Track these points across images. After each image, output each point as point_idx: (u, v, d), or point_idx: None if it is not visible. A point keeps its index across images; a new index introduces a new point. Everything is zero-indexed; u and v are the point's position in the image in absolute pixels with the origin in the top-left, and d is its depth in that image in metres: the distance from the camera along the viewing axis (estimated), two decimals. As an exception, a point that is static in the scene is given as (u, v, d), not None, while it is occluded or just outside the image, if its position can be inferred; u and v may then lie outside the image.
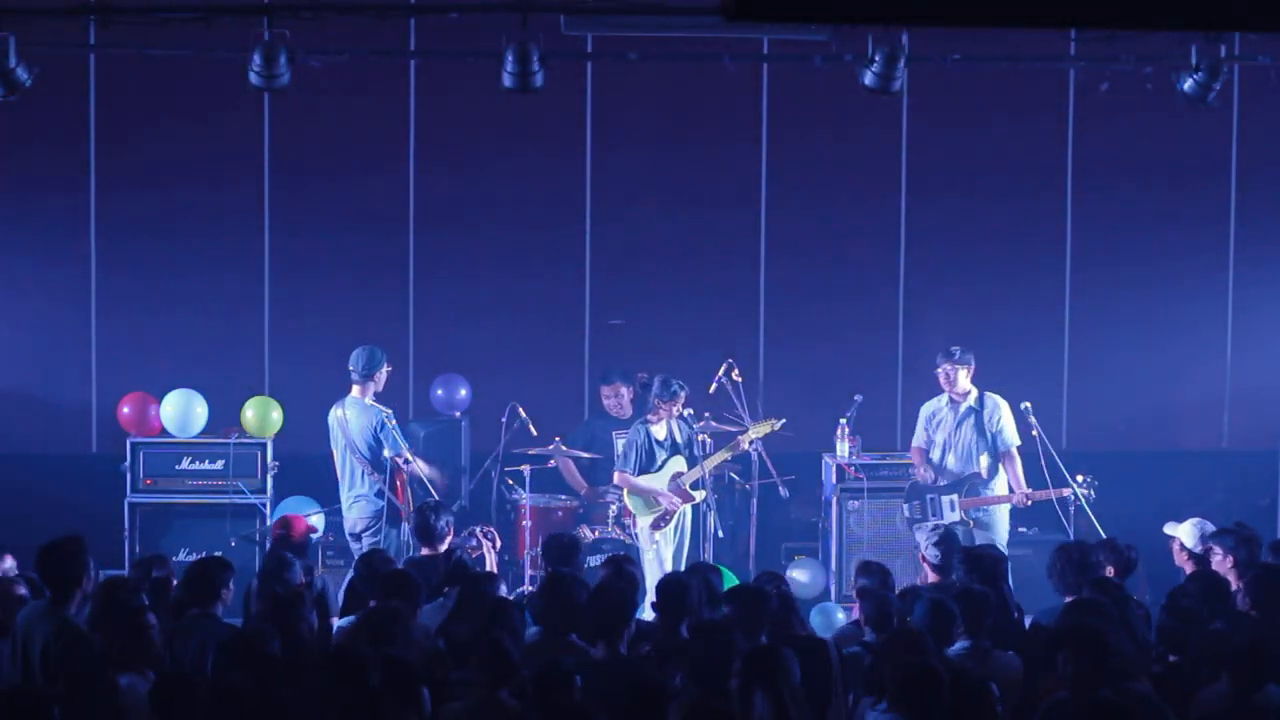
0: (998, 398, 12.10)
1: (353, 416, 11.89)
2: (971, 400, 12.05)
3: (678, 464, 12.01)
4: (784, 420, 12.11)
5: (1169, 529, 10.05)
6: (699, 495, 11.98)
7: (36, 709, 6.86)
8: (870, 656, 8.22)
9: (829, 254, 14.02)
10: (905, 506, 12.17)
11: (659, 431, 12.01)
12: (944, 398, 12.17)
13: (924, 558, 9.70)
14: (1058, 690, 7.73)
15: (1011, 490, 12.00)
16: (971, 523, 11.90)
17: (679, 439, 12.05)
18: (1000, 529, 11.97)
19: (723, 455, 12.09)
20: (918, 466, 12.19)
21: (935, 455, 12.14)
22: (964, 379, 12.05)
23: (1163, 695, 7.90)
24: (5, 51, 10.67)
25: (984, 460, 12.00)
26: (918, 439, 12.28)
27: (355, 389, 11.97)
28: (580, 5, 11.12)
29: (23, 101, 11.08)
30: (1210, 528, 9.84)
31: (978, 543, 11.67)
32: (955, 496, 11.96)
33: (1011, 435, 11.99)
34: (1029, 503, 11.90)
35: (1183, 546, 9.88)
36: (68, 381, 13.59)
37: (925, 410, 12.28)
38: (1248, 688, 7.62)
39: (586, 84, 13.76)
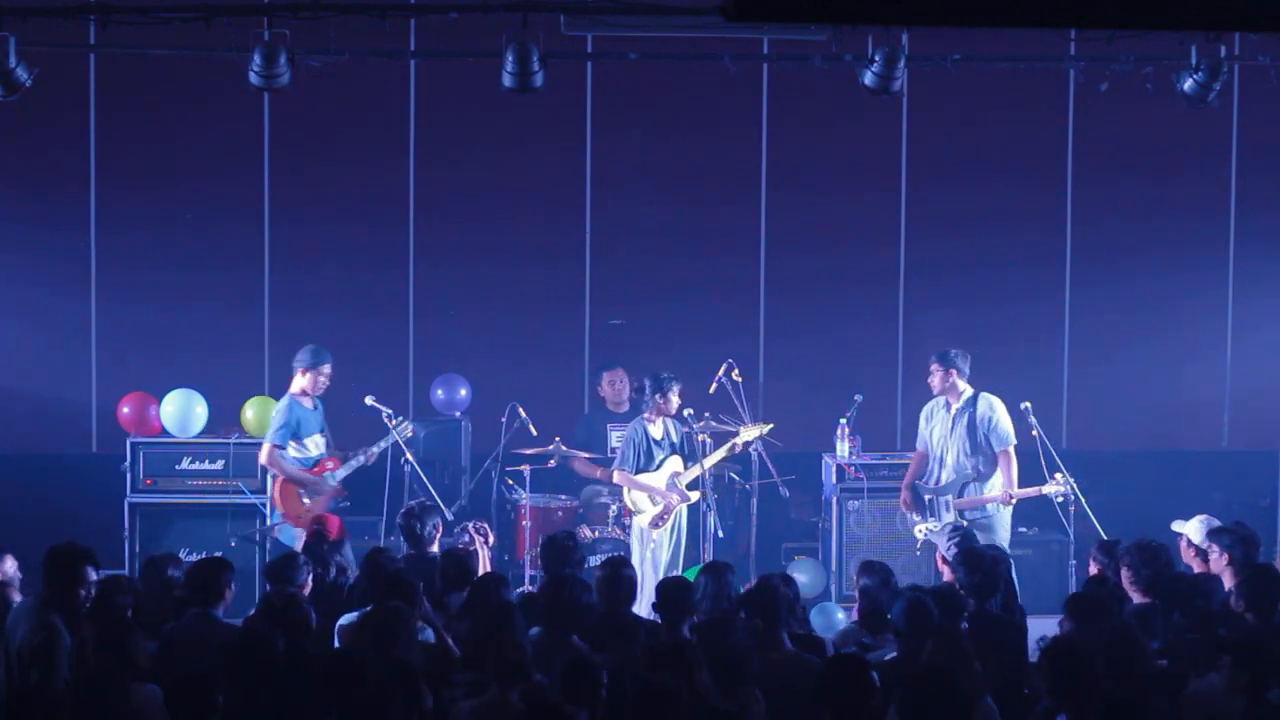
0: (992, 398, 12.01)
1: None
2: (964, 400, 12.02)
3: (675, 463, 12.01)
4: (773, 424, 12.10)
5: (1176, 526, 10.06)
6: (694, 496, 11.98)
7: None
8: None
9: (829, 253, 14.02)
10: (905, 511, 12.15)
11: (656, 431, 12.01)
12: (941, 399, 12.15)
13: (943, 558, 9.69)
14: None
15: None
16: (966, 523, 11.89)
17: (675, 438, 12.05)
18: (1001, 531, 11.86)
19: (718, 456, 12.06)
20: (905, 483, 12.16)
21: (934, 457, 12.11)
22: (952, 381, 11.98)
23: (1161, 695, 7.91)
24: (5, 51, 10.66)
25: (977, 461, 11.96)
26: (920, 440, 12.27)
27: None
28: (580, 5, 11.12)
29: (23, 101, 11.08)
30: (1217, 524, 9.85)
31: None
32: (951, 497, 11.96)
33: (1005, 434, 11.92)
34: (1012, 501, 11.85)
35: (1190, 543, 9.90)
36: (68, 381, 13.59)
37: (924, 412, 12.26)
38: (1258, 688, 7.59)
39: (587, 84, 13.76)
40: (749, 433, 12.00)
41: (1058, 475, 11.68)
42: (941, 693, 7.08)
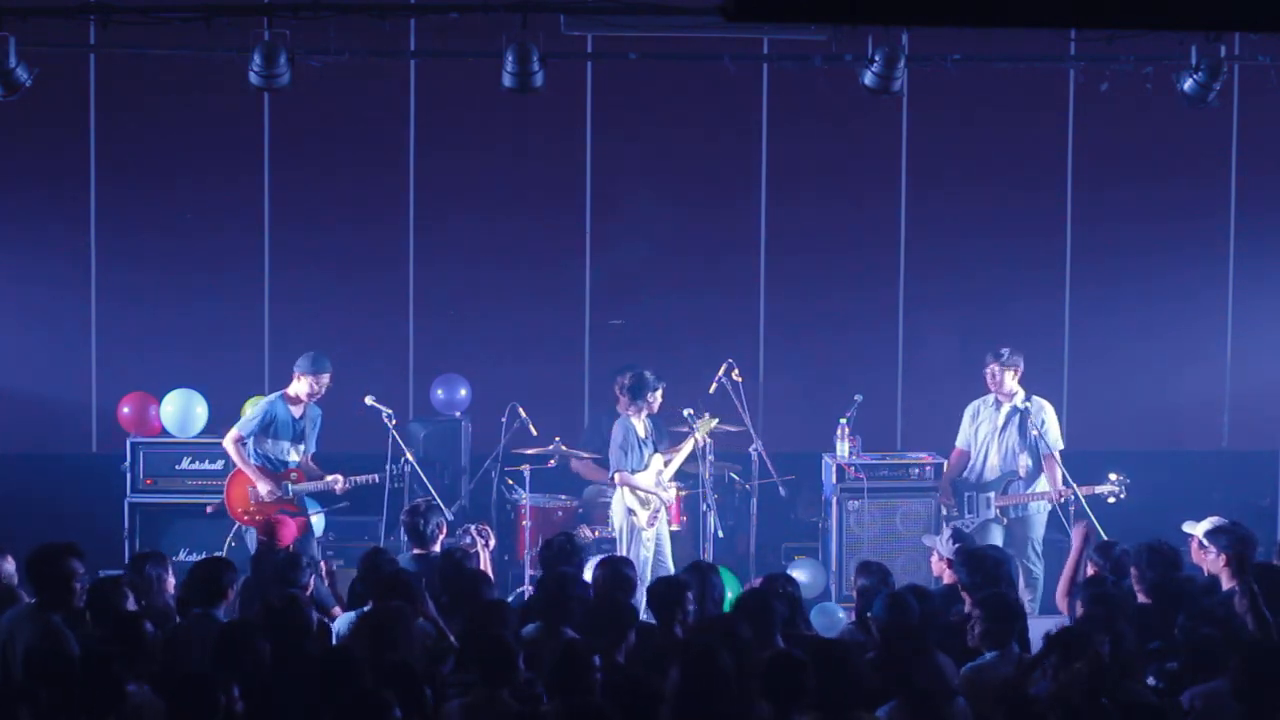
0: (1044, 401, 12.18)
1: None
2: (1018, 401, 12.08)
3: (658, 461, 12.04)
4: (719, 419, 12.09)
5: (1187, 527, 10.05)
6: (675, 491, 12.05)
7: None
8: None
9: (829, 253, 14.03)
10: (944, 506, 12.18)
11: (640, 429, 12.04)
12: (989, 397, 12.21)
13: (947, 560, 9.68)
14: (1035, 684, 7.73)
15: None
16: (1006, 519, 11.94)
17: (653, 435, 12.10)
18: (1038, 528, 12.05)
19: (683, 454, 12.06)
20: (945, 479, 12.19)
21: (977, 454, 12.16)
22: (1010, 380, 12.09)
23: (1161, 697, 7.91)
24: (5, 51, 10.66)
25: (1025, 461, 12.03)
26: (961, 439, 12.30)
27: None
28: (580, 5, 11.12)
29: (23, 101, 11.08)
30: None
31: (1015, 538, 11.90)
32: (992, 494, 12.02)
33: (1055, 439, 12.07)
34: (1062, 499, 11.91)
35: (1200, 545, 9.87)
36: (68, 381, 13.59)
37: (969, 410, 12.32)
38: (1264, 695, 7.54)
39: (587, 84, 13.76)
40: (704, 426, 12.00)
41: (1112, 476, 11.75)
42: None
